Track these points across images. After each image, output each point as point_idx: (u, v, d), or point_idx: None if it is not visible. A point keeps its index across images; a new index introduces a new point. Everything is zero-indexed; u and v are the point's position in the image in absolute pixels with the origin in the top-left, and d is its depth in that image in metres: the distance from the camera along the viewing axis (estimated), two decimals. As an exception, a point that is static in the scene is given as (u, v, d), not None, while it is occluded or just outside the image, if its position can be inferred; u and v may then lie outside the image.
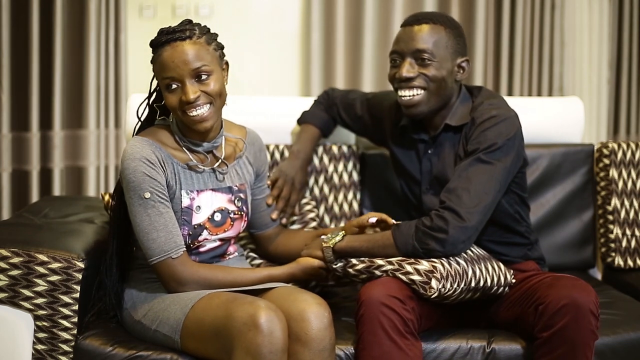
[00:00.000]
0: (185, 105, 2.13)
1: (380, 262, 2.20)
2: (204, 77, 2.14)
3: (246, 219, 2.34)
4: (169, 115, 2.27)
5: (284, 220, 2.58)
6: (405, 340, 2.10)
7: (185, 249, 2.18)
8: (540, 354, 2.12)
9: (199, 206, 2.23)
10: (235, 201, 2.30)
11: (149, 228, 2.14)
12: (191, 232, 2.21)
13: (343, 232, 2.30)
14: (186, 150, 2.24)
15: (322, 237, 2.32)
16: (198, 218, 2.23)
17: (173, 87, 2.14)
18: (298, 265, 2.28)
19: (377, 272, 2.20)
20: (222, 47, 2.24)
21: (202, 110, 2.15)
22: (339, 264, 2.27)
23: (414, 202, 2.52)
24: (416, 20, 2.41)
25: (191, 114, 2.14)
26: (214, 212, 2.25)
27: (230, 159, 2.33)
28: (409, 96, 2.37)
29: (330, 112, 2.78)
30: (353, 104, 2.74)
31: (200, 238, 2.24)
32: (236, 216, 2.30)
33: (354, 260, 2.24)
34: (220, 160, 2.28)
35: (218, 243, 2.30)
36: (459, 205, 2.19)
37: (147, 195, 2.13)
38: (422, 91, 2.36)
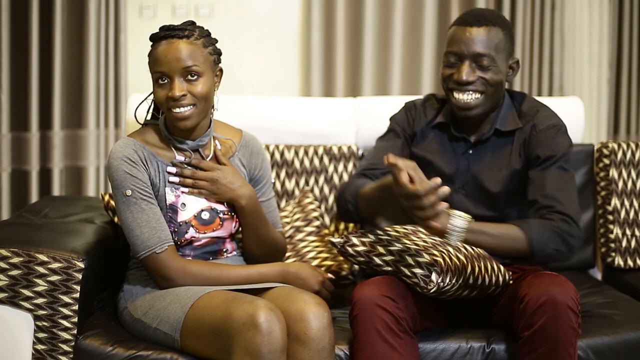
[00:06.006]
0: (171, 101, 2.17)
1: (381, 250, 2.20)
2: (193, 77, 2.18)
3: (238, 219, 2.35)
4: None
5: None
6: (399, 339, 2.09)
7: (171, 244, 2.20)
8: (524, 354, 2.11)
9: (184, 203, 2.25)
10: (225, 201, 2.31)
11: (132, 225, 2.17)
12: (177, 229, 2.23)
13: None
14: (172, 148, 2.26)
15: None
16: (183, 215, 2.24)
17: (162, 82, 2.19)
18: (292, 266, 2.28)
19: (377, 260, 2.20)
20: (218, 53, 2.27)
21: (184, 109, 2.18)
22: (339, 240, 2.26)
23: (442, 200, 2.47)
24: (476, 20, 2.35)
25: (174, 111, 2.18)
26: (201, 210, 2.26)
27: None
28: (466, 100, 2.36)
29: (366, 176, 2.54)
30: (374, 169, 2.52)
31: (187, 235, 2.25)
32: (226, 216, 2.30)
33: (355, 240, 2.24)
34: (210, 157, 2.29)
35: (209, 239, 2.30)
36: (574, 213, 2.26)
37: (129, 192, 2.17)
38: (480, 95, 2.36)
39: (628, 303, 2.56)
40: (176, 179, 2.25)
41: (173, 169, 2.25)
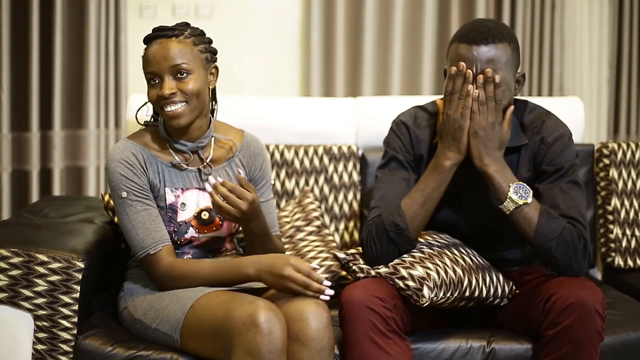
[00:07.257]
0: (162, 100, 2.19)
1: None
2: (182, 75, 2.19)
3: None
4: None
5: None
6: (387, 339, 2.09)
7: (165, 244, 2.19)
8: (546, 353, 2.11)
9: (183, 203, 2.25)
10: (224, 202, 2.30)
11: (128, 226, 2.19)
12: (176, 229, 2.24)
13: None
14: (171, 150, 2.27)
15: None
16: (183, 215, 2.25)
17: (154, 82, 2.21)
18: (268, 255, 2.17)
19: (372, 272, 2.21)
20: (212, 52, 2.27)
21: (175, 107, 2.19)
22: (343, 255, 2.26)
23: (451, 221, 2.36)
24: (483, 37, 2.16)
25: (166, 109, 2.19)
26: (201, 210, 2.27)
27: (221, 160, 2.34)
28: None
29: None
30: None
31: (187, 235, 2.25)
32: None
33: (361, 260, 2.24)
34: (205, 163, 2.29)
35: (208, 238, 2.31)
36: (586, 230, 2.19)
37: (124, 194, 2.18)
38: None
39: (628, 303, 2.56)
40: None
41: (212, 180, 2.15)
